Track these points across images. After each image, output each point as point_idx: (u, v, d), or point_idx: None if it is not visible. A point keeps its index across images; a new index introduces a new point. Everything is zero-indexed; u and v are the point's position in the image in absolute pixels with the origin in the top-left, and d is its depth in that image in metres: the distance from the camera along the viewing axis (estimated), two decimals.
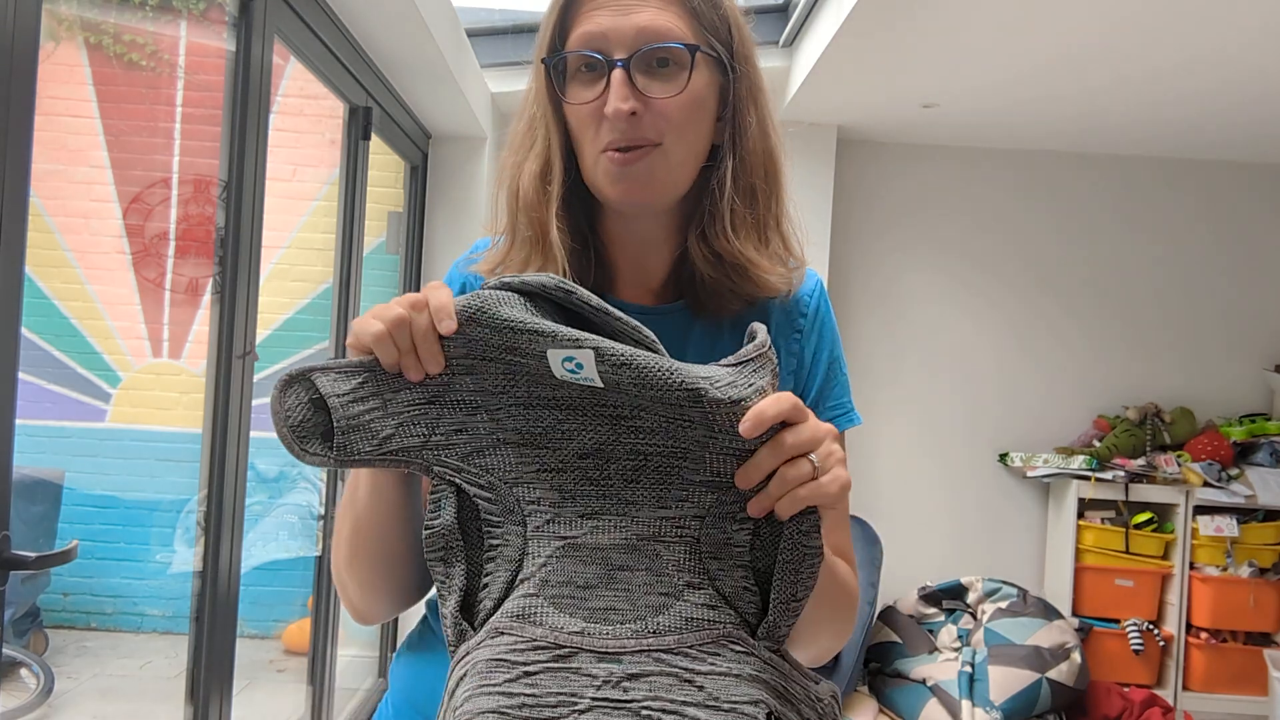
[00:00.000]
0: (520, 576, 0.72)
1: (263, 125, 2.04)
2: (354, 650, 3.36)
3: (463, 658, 0.71)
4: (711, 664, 0.69)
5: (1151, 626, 3.82)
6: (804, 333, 0.95)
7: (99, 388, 3.62)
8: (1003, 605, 3.68)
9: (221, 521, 1.96)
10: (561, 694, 0.67)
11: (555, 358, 0.70)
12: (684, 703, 0.67)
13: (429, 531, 0.73)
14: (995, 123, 3.87)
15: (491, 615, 0.72)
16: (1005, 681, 3.36)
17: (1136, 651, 3.77)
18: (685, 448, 0.71)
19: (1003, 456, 4.18)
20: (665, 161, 0.86)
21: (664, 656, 0.69)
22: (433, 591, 0.92)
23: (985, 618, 3.65)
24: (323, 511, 2.89)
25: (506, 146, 0.94)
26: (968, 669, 3.43)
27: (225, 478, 1.96)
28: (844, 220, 4.16)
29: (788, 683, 0.72)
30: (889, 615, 3.82)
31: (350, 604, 0.88)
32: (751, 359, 0.72)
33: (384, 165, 3.53)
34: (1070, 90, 3.38)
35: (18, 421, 1.30)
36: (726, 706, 0.67)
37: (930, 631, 3.73)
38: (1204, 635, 3.81)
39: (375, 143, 2.93)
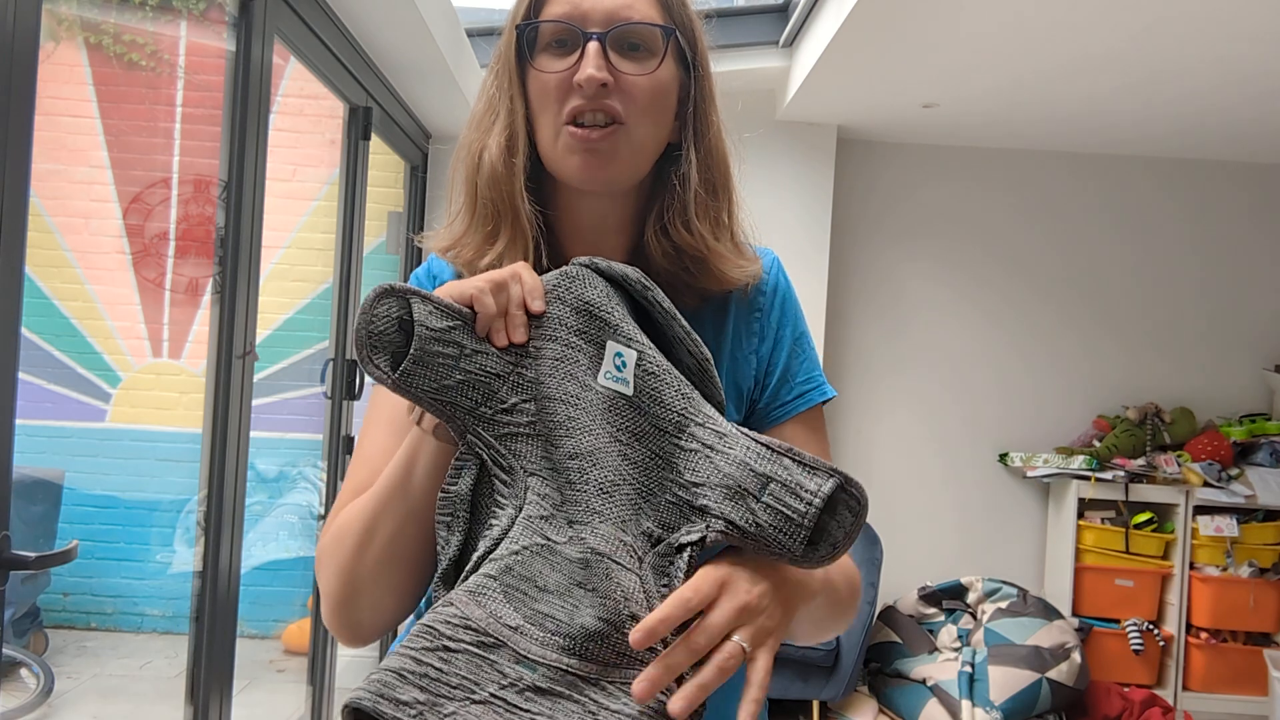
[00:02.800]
0: (492, 555, 0.72)
1: (263, 125, 2.04)
2: (354, 650, 3.35)
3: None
4: (623, 704, 0.67)
5: (1151, 626, 3.82)
6: (764, 310, 0.94)
7: (99, 388, 3.62)
8: (1003, 605, 3.68)
9: (221, 521, 1.96)
10: (466, 679, 0.66)
11: (611, 350, 0.75)
12: None
13: (445, 495, 0.74)
14: (995, 123, 3.87)
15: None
16: (1005, 681, 3.36)
17: (1136, 651, 3.77)
18: (651, 490, 0.73)
19: (1003, 456, 4.18)
20: (629, 141, 0.86)
21: (579, 683, 0.68)
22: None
23: (985, 618, 3.65)
24: (322, 511, 2.89)
25: (466, 125, 0.93)
26: (968, 669, 3.43)
27: (225, 478, 1.96)
28: (844, 220, 4.16)
29: None
30: (889, 615, 3.82)
31: (354, 620, 0.82)
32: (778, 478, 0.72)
33: (384, 165, 3.53)
34: (1070, 91, 3.38)
35: (18, 421, 1.30)
36: None
37: (930, 631, 3.73)
38: (1204, 635, 3.81)
39: (375, 143, 2.93)
